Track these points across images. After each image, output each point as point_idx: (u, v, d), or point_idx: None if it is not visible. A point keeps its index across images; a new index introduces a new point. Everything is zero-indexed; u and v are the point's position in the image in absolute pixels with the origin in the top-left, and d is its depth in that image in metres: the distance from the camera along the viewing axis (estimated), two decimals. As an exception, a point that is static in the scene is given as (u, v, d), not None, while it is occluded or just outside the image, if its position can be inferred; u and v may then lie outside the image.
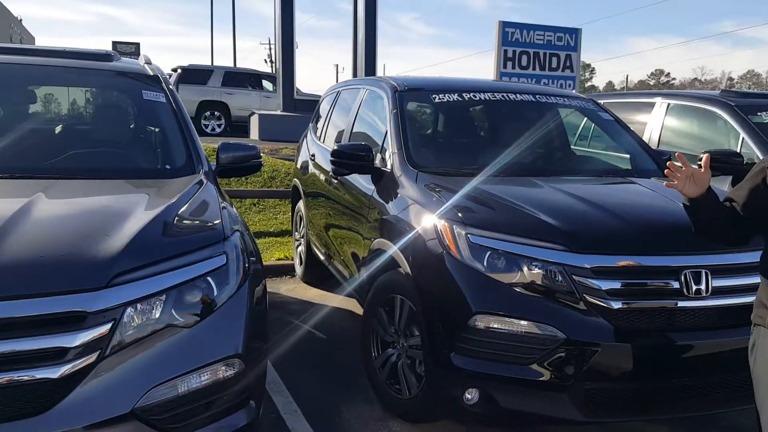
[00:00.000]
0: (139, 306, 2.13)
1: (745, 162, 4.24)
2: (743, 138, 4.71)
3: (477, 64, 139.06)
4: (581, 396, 2.76)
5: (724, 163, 4.05)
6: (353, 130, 4.65)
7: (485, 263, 2.86)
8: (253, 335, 2.40)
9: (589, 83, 75.84)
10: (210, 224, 2.57)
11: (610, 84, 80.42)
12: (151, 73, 3.71)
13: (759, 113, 4.94)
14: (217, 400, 2.25)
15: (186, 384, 2.17)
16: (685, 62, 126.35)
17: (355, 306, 4.48)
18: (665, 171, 2.26)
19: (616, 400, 2.84)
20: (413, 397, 3.19)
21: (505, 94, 4.49)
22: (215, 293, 2.29)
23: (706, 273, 2.77)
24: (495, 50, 9.61)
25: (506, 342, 2.76)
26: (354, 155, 3.82)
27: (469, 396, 2.84)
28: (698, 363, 2.84)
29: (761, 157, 4.48)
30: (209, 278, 2.29)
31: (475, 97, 4.44)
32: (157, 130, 3.56)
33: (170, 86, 3.69)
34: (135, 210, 2.50)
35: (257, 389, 2.47)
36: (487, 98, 4.47)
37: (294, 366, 3.98)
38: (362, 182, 4.05)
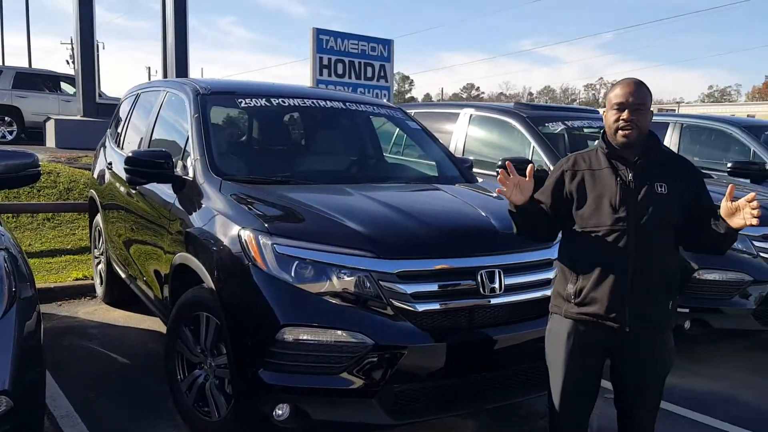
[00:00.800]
0: None
1: (537, 168, 4.62)
2: (534, 146, 5.14)
3: (299, 71, 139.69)
4: (390, 400, 2.78)
5: (518, 169, 4.36)
6: (153, 137, 4.33)
7: (293, 273, 2.78)
8: (23, 368, 2.12)
9: (408, 94, 79.56)
10: (-35, 244, 2.22)
11: (428, 96, 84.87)
12: None
13: (546, 124, 5.44)
14: (-21, 446, 1.96)
15: None
16: (492, 77, 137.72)
17: (162, 327, 4.17)
18: (498, 177, 2.39)
19: (424, 400, 2.90)
20: (222, 419, 3.01)
21: (315, 101, 4.46)
22: None
23: (499, 272, 2.93)
24: (310, 57, 9.61)
25: (316, 353, 2.70)
26: (151, 162, 3.54)
27: (280, 412, 2.74)
28: (497, 356, 3.00)
29: (548, 164, 4.93)
30: None
31: (285, 102, 4.33)
32: None
33: None
34: None
35: (33, 428, 2.20)
36: (298, 104, 4.40)
37: (92, 396, 3.61)
38: (163, 191, 3.77)
